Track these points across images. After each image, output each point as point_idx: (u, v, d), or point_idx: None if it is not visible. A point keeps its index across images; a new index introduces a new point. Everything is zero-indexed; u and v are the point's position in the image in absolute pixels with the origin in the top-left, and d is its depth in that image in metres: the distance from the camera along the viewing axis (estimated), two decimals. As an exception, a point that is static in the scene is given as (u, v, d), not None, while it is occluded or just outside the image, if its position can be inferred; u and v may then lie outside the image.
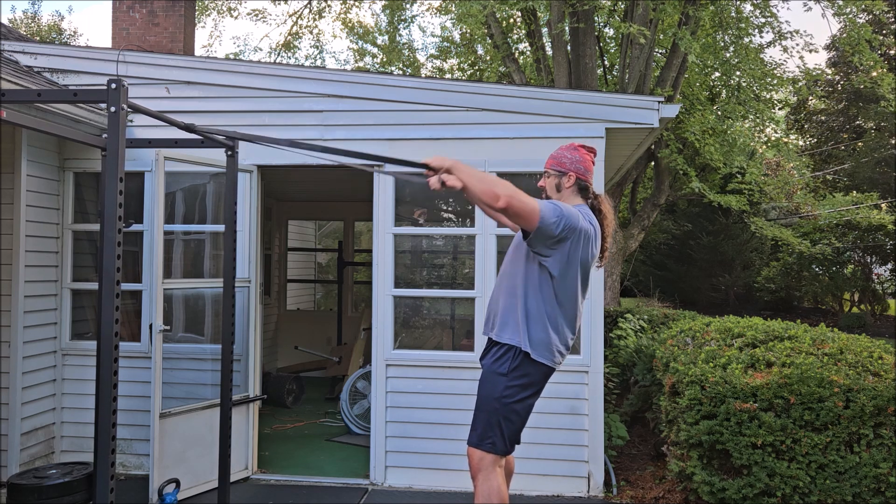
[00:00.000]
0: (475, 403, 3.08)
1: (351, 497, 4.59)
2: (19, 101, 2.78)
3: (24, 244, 4.69)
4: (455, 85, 4.98)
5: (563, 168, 3.13)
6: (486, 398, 3.03)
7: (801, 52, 19.09)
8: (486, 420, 3.01)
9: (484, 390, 3.05)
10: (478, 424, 3.04)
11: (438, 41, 18.63)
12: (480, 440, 3.01)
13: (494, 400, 2.99)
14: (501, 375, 3.00)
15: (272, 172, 5.50)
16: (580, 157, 3.14)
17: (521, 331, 2.98)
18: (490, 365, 3.06)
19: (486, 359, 3.10)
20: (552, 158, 3.19)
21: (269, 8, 47.06)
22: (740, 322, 4.97)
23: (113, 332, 2.44)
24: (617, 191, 10.89)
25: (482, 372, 3.10)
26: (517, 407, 3.00)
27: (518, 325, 2.99)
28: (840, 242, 17.21)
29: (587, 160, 3.16)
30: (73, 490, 3.87)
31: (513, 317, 3.02)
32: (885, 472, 3.66)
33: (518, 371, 2.99)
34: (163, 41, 7.82)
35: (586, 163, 3.15)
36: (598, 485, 4.63)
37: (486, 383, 3.06)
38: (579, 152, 3.16)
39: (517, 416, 3.02)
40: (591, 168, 3.17)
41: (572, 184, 3.11)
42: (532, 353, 2.96)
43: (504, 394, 2.98)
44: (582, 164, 3.13)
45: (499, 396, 2.99)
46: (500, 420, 2.99)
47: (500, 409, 2.98)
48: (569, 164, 3.12)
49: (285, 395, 7.15)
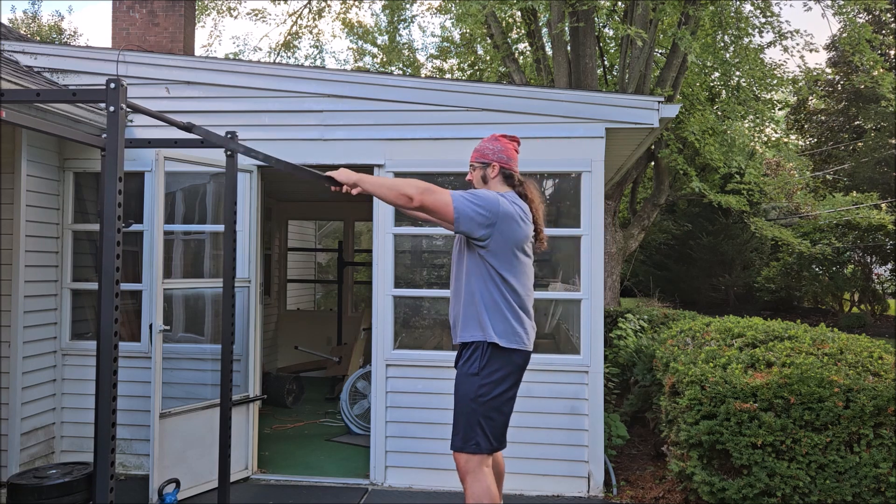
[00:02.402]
0: (454, 407, 3.12)
1: (351, 497, 4.59)
2: (19, 101, 2.77)
3: (24, 244, 4.69)
4: (455, 85, 4.98)
5: (486, 159, 3.22)
6: (462, 400, 3.08)
7: (801, 51, 19.08)
8: (465, 422, 3.05)
9: (459, 393, 3.10)
10: (459, 428, 3.08)
11: (438, 41, 18.64)
12: (464, 443, 3.05)
13: (471, 401, 3.04)
14: (473, 375, 3.06)
15: (272, 172, 5.50)
16: (502, 146, 3.24)
17: (482, 325, 3.06)
18: (461, 367, 3.12)
19: (459, 362, 3.17)
20: (475, 152, 3.27)
21: (268, 8, 47.02)
22: (740, 322, 4.97)
23: (113, 332, 2.44)
24: (617, 191, 10.89)
25: (456, 375, 3.16)
26: (495, 403, 3.05)
27: (477, 320, 3.08)
28: (840, 242, 17.21)
29: (509, 149, 3.25)
30: (73, 490, 3.86)
31: (471, 315, 3.09)
32: (885, 472, 3.65)
33: (489, 367, 3.04)
34: (163, 41, 7.82)
35: (508, 151, 3.24)
36: (598, 485, 4.63)
37: (460, 386, 3.11)
38: (500, 142, 3.25)
39: (497, 413, 3.06)
40: (513, 156, 3.25)
41: (497, 173, 3.21)
42: (500, 342, 3.03)
43: (479, 393, 3.03)
44: (504, 154, 3.22)
45: (474, 397, 3.03)
46: (479, 420, 3.03)
47: (478, 408, 3.03)
48: (491, 155, 3.21)
49: (285, 395, 7.15)
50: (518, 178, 3.24)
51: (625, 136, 5.00)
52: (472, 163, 3.28)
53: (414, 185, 2.90)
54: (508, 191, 3.18)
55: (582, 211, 4.74)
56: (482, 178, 3.24)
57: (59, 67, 5.15)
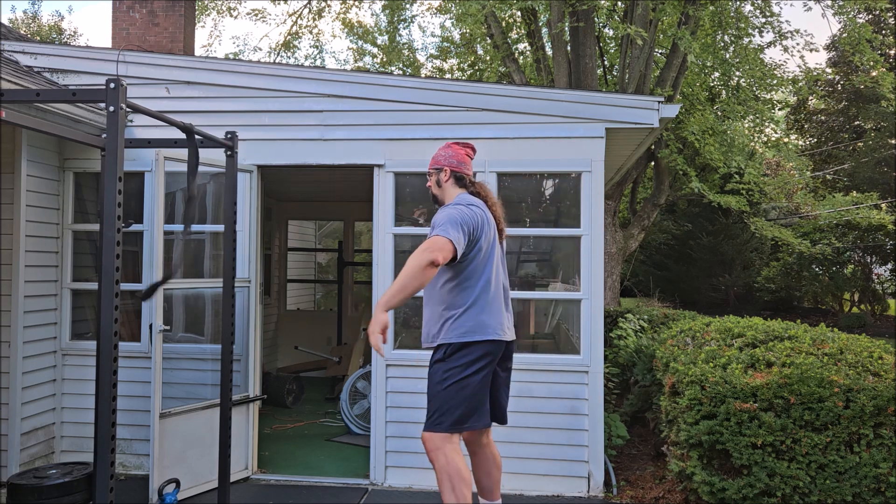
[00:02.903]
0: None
1: (351, 497, 4.59)
2: (19, 101, 2.78)
3: (24, 244, 4.69)
4: (455, 85, 4.98)
5: (438, 165, 3.50)
6: (430, 387, 3.29)
7: (801, 51, 19.10)
8: (434, 406, 3.24)
9: (429, 383, 3.31)
10: (428, 412, 3.26)
11: (438, 41, 18.63)
12: (430, 423, 3.23)
13: (436, 384, 3.24)
14: (439, 362, 3.27)
15: (272, 172, 5.50)
16: (453, 152, 3.52)
17: (451, 327, 3.24)
18: (431, 361, 3.34)
19: (431, 360, 3.35)
20: (431, 160, 3.55)
21: (268, 8, 47.04)
22: (740, 322, 4.97)
23: (113, 332, 2.44)
24: (617, 191, 10.89)
25: (428, 373, 3.34)
26: (461, 385, 3.18)
27: (445, 322, 3.27)
28: (840, 242, 17.22)
29: (460, 154, 3.52)
30: (73, 490, 3.86)
31: (439, 318, 3.30)
32: (885, 472, 3.65)
33: (457, 354, 3.21)
34: (163, 41, 7.82)
35: (459, 156, 3.50)
36: (598, 485, 4.63)
37: (430, 377, 3.31)
38: (452, 149, 3.54)
39: (464, 392, 3.18)
40: (465, 160, 3.51)
41: (449, 177, 3.47)
42: (468, 339, 3.20)
43: (444, 376, 3.21)
44: (455, 158, 3.49)
45: (440, 380, 3.23)
46: (445, 400, 3.19)
47: (443, 391, 3.20)
48: (443, 161, 3.49)
49: (285, 395, 7.15)
50: (469, 179, 3.52)
51: (625, 136, 5.00)
52: (429, 170, 3.54)
53: (417, 257, 2.99)
54: (461, 192, 3.45)
55: (582, 211, 4.74)
56: (437, 183, 3.50)
57: (59, 67, 5.15)
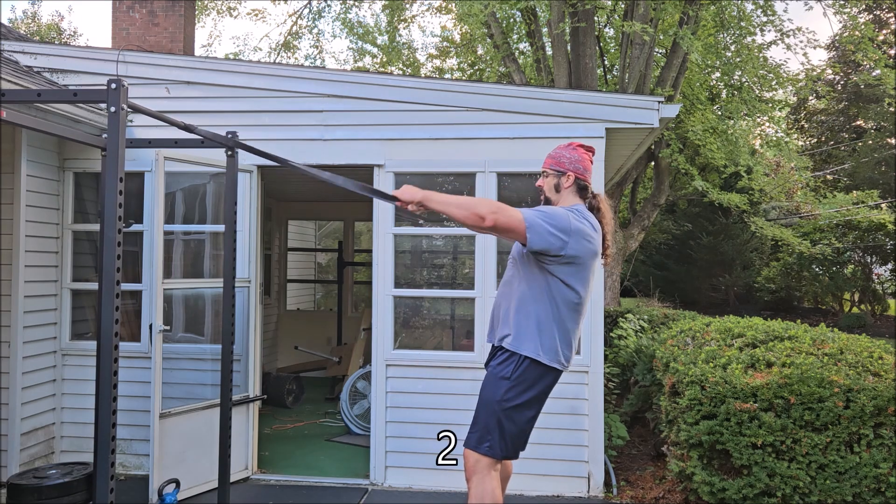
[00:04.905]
0: (476, 406, 3.04)
1: (351, 497, 4.59)
2: (19, 101, 2.77)
3: (24, 244, 4.69)
4: (455, 85, 4.98)
5: (561, 168, 3.08)
6: (487, 401, 2.98)
7: (804, 48, 19.12)
8: (485, 422, 2.96)
9: (486, 393, 3.00)
10: (477, 427, 2.99)
11: (438, 41, 18.61)
12: (478, 443, 2.96)
13: (496, 402, 2.94)
14: (504, 379, 2.94)
15: (272, 172, 5.50)
16: (579, 156, 3.10)
17: (527, 337, 2.93)
18: (494, 368, 3.02)
19: (492, 362, 3.06)
20: (550, 158, 3.14)
21: (268, 8, 47.04)
22: (740, 322, 4.97)
23: (113, 332, 2.44)
24: (617, 191, 10.89)
25: (486, 375, 3.06)
26: (518, 411, 2.95)
27: (523, 331, 2.95)
28: (840, 242, 17.21)
29: (585, 159, 3.12)
30: (73, 490, 3.86)
31: (518, 323, 2.96)
32: (885, 472, 3.65)
33: (523, 376, 2.93)
34: (163, 41, 7.82)
35: (584, 162, 3.10)
36: (598, 485, 4.63)
37: (488, 386, 3.00)
38: (578, 152, 3.12)
39: (519, 421, 2.96)
40: (589, 167, 3.12)
41: (571, 184, 3.07)
42: (541, 359, 2.92)
43: (506, 397, 2.93)
44: (581, 164, 3.08)
45: (500, 399, 2.93)
46: (499, 422, 2.93)
47: (501, 412, 2.93)
48: (567, 164, 3.07)
49: (285, 395, 7.15)
50: (591, 190, 3.12)
51: (625, 136, 5.00)
52: (546, 169, 3.13)
53: (486, 204, 2.76)
54: (579, 202, 3.06)
55: (582, 211, 4.73)
56: (554, 187, 3.10)
57: (59, 67, 5.15)
